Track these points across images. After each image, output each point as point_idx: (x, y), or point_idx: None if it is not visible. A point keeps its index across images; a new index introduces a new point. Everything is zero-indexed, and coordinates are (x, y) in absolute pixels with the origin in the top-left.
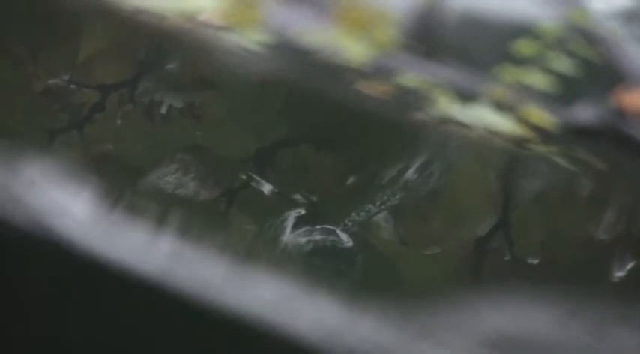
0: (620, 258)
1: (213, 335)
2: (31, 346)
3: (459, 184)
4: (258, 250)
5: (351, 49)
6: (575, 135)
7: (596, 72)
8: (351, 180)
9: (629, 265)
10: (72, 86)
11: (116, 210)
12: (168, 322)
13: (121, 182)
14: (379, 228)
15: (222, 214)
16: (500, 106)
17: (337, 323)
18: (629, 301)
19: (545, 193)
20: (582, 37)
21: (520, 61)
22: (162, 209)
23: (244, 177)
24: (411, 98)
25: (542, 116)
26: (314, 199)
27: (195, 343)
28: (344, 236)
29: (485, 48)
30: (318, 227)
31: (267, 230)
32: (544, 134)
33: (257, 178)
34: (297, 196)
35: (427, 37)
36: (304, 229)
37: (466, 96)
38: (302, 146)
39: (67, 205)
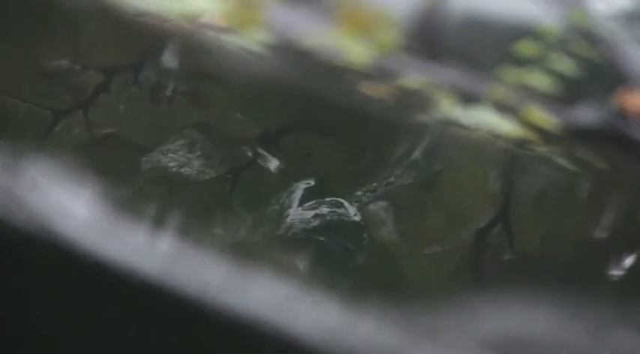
0: (619, 258)
1: (213, 335)
2: (32, 345)
3: (460, 184)
4: (261, 236)
5: (353, 50)
6: (577, 136)
7: (598, 73)
8: (353, 167)
9: (629, 265)
10: (77, 68)
11: (117, 209)
12: (168, 322)
13: (125, 163)
14: (380, 225)
15: (226, 195)
16: (502, 107)
17: (338, 324)
18: (629, 300)
19: (545, 193)
20: (584, 38)
21: (522, 62)
22: (167, 191)
23: (250, 154)
24: (413, 100)
25: (543, 117)
26: (318, 180)
27: (195, 343)
28: (352, 209)
29: (486, 49)
30: (326, 199)
31: (273, 205)
32: (545, 135)
33: (264, 153)
34: (303, 177)
35: (429, 39)
36: (312, 202)
37: (468, 97)
38: (305, 132)
39: (68, 206)
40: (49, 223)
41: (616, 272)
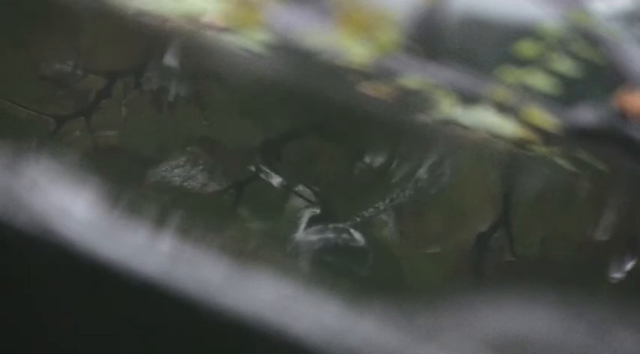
0: (619, 258)
1: (213, 336)
2: (32, 345)
3: (460, 185)
4: (266, 248)
5: (353, 50)
6: (577, 136)
7: (598, 73)
8: (357, 171)
9: (629, 266)
10: (78, 72)
11: (117, 210)
12: (168, 322)
13: (128, 171)
14: (382, 228)
15: (230, 209)
16: (502, 107)
17: (338, 325)
18: (629, 301)
19: (545, 194)
20: (584, 39)
21: (522, 63)
22: (169, 202)
23: (253, 168)
24: (413, 100)
25: (543, 117)
26: (322, 193)
27: (196, 344)
28: (357, 235)
29: (487, 49)
30: (331, 226)
31: (278, 226)
32: (545, 135)
33: (266, 170)
34: (306, 190)
35: (429, 39)
36: (317, 226)
37: (468, 97)
38: (307, 137)
39: (68, 206)
40: (49, 224)
41: (616, 275)
